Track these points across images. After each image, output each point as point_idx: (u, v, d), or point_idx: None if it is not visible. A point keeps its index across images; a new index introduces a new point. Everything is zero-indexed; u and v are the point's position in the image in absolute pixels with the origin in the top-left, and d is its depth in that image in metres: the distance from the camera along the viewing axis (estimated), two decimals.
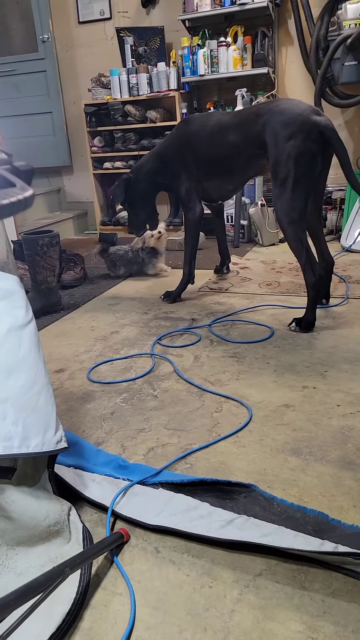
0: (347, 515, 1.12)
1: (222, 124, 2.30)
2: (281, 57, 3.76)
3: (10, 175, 0.49)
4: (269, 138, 2.08)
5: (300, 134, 1.99)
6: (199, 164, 2.42)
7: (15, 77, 4.60)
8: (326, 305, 2.38)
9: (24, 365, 0.92)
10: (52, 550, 1.07)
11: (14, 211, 0.46)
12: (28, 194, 0.48)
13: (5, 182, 0.48)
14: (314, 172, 2.06)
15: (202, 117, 2.47)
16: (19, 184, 0.49)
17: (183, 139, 2.43)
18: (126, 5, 4.15)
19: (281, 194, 2.06)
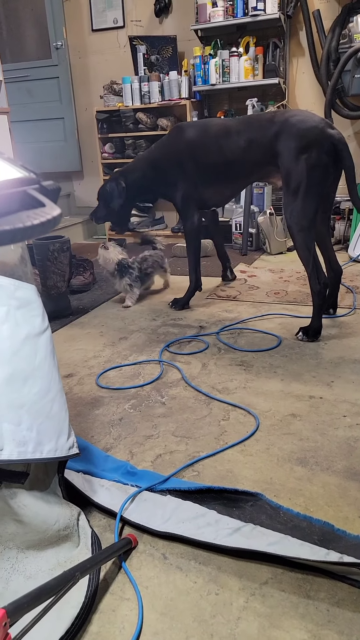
0: (352, 526, 1.13)
1: (229, 128, 2.31)
2: (292, 67, 3.79)
3: (40, 195, 0.51)
4: (282, 147, 2.12)
5: (315, 146, 2.03)
6: (199, 170, 2.40)
7: (28, 83, 4.65)
8: (333, 315, 2.40)
9: (39, 372, 0.95)
10: (61, 555, 1.09)
11: (44, 230, 0.48)
12: (56, 213, 0.50)
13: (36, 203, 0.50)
14: (326, 182, 2.10)
15: (199, 123, 2.48)
16: (48, 203, 0.51)
17: (180, 145, 2.41)
18: (139, 15, 4.20)
19: (293, 202, 2.10)
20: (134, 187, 2.61)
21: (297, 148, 2.06)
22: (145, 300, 2.81)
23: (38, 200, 0.51)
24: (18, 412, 0.92)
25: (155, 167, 2.53)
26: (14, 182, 0.51)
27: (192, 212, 2.51)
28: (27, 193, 0.51)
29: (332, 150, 2.04)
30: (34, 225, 0.46)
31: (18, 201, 0.50)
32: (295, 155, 2.07)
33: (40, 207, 0.50)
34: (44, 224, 0.48)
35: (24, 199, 0.50)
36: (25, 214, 0.47)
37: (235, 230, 3.85)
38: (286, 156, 2.11)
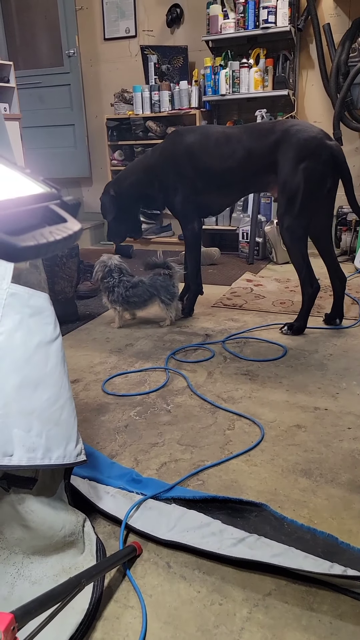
0: (356, 539, 1.14)
1: (230, 136, 2.31)
2: (302, 79, 3.82)
3: (61, 210, 0.53)
4: (281, 157, 2.15)
5: (314, 156, 2.08)
6: (197, 177, 2.38)
7: (40, 90, 4.70)
8: (339, 325, 2.41)
9: (50, 379, 0.96)
10: (65, 561, 1.09)
11: (66, 245, 0.49)
12: (77, 229, 0.52)
13: (58, 218, 0.51)
14: (322, 192, 2.15)
15: (198, 129, 2.48)
16: (69, 219, 0.53)
17: (179, 150, 2.39)
18: (151, 25, 4.25)
19: (289, 211, 2.15)
20: (129, 194, 2.60)
21: (296, 158, 2.10)
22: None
23: (60, 216, 0.52)
24: (28, 418, 0.93)
25: (151, 172, 2.51)
26: (37, 197, 0.53)
27: (192, 218, 2.50)
28: (49, 208, 0.53)
29: (330, 161, 2.10)
30: (57, 241, 0.48)
31: (41, 216, 0.51)
32: (294, 164, 2.10)
33: (62, 223, 0.51)
34: (66, 239, 0.49)
35: (46, 215, 0.52)
36: (48, 230, 0.49)
37: (242, 239, 3.87)
38: (284, 165, 2.14)
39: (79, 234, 0.52)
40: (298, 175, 2.10)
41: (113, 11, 4.35)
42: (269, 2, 3.45)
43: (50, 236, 0.48)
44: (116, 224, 2.74)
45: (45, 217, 0.52)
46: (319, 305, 2.72)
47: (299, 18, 3.62)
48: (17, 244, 0.44)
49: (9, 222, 0.47)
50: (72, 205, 0.57)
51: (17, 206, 0.50)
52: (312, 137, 2.10)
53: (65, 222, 0.52)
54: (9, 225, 0.47)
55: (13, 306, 0.91)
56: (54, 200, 0.55)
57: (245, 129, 2.33)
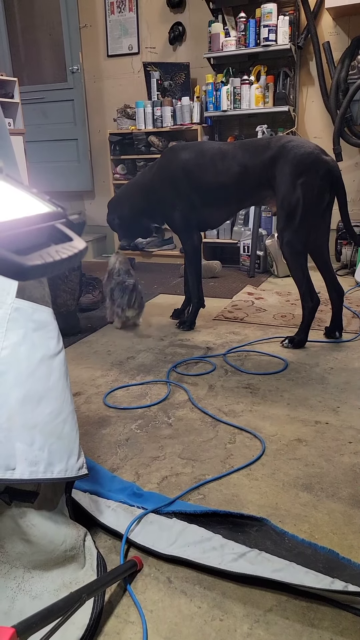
0: (357, 554, 1.13)
1: (226, 152, 2.34)
2: (302, 96, 3.87)
3: (67, 229, 0.54)
4: (278, 172, 2.18)
5: (311, 171, 2.12)
6: (194, 192, 2.42)
7: (44, 105, 4.77)
8: (339, 339, 2.42)
9: (52, 393, 0.97)
10: (66, 575, 1.09)
11: (72, 264, 0.51)
12: (83, 247, 0.53)
13: (63, 237, 0.53)
14: (321, 207, 2.19)
15: (194, 145, 2.50)
16: (74, 237, 0.54)
17: (175, 167, 2.42)
18: (154, 42, 4.32)
19: (288, 226, 2.18)
20: (131, 215, 2.66)
21: (294, 173, 2.13)
22: (153, 320, 2.84)
23: (66, 235, 0.53)
24: (31, 432, 0.93)
25: (149, 190, 2.55)
26: (43, 217, 0.54)
27: (191, 232, 2.53)
28: (55, 227, 0.54)
29: (327, 176, 2.14)
30: (62, 259, 0.49)
31: (47, 235, 0.53)
32: (292, 180, 2.13)
33: (68, 241, 0.52)
34: (71, 257, 0.50)
35: (52, 233, 0.53)
36: (54, 248, 0.50)
37: (243, 253, 3.90)
38: (282, 181, 2.17)
39: (84, 252, 0.53)
40: (296, 190, 2.13)
41: (116, 29, 4.43)
42: (270, 21, 3.51)
43: (56, 255, 0.49)
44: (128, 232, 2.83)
45: (51, 236, 0.54)
46: (320, 318, 2.73)
47: (299, 36, 3.68)
48: (25, 263, 0.45)
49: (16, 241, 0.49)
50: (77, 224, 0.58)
51: (25, 226, 0.51)
52: (309, 152, 2.14)
53: (71, 241, 0.53)
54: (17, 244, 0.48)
55: (17, 321, 0.92)
56: (60, 219, 0.56)
57: (241, 145, 2.36)
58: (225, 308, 3.02)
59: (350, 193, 3.87)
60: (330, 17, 3.63)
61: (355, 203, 3.87)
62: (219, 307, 3.02)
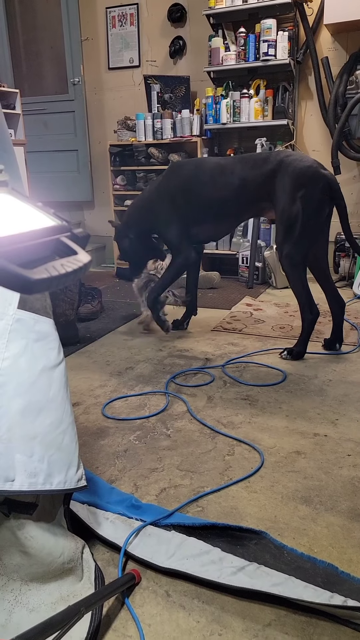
0: (356, 569, 1.13)
1: (225, 167, 2.37)
2: (301, 110, 3.91)
3: (72, 243, 0.55)
4: (279, 186, 2.21)
5: (311, 185, 2.15)
6: (193, 207, 2.43)
7: (45, 116, 4.80)
8: (339, 351, 2.42)
9: (53, 404, 0.97)
10: (64, 588, 1.08)
11: (76, 277, 0.51)
12: (87, 261, 0.54)
13: (68, 250, 0.53)
14: (320, 220, 2.21)
15: (194, 161, 2.55)
16: (79, 251, 0.54)
17: (176, 183, 2.46)
18: (155, 55, 4.37)
19: (288, 239, 2.20)
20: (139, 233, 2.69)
21: (294, 187, 2.16)
22: (152, 330, 2.84)
23: (70, 248, 0.54)
24: (31, 443, 0.93)
25: (151, 208, 2.57)
26: (48, 230, 0.55)
27: (184, 247, 2.51)
28: (60, 241, 0.55)
29: (327, 189, 2.17)
30: (67, 273, 0.49)
31: (52, 249, 0.53)
32: (291, 193, 2.16)
33: (73, 255, 0.53)
34: (76, 271, 0.51)
35: (57, 247, 0.54)
36: (59, 262, 0.51)
37: (241, 264, 3.91)
38: (282, 194, 2.20)
39: (88, 266, 0.54)
40: (296, 203, 2.16)
41: (117, 42, 4.48)
42: (269, 36, 3.56)
43: (61, 268, 0.50)
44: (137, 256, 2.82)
45: (56, 250, 0.54)
46: (319, 330, 2.74)
47: (298, 51, 3.73)
48: (31, 277, 0.45)
49: (22, 255, 0.49)
50: (81, 238, 0.59)
51: (30, 239, 0.52)
52: (309, 166, 2.17)
53: (76, 255, 0.54)
54: (23, 258, 0.49)
55: (19, 331, 0.92)
56: (65, 232, 0.57)
57: (240, 160, 2.38)
58: (224, 319, 3.02)
59: (349, 206, 3.88)
60: (328, 33, 3.68)
61: (353, 215, 3.89)
62: (217, 318, 3.02)
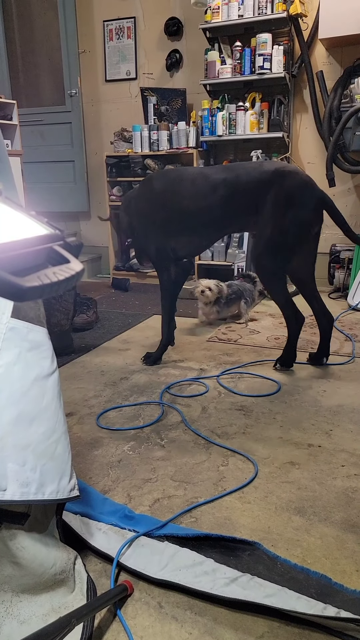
0: (349, 580, 1.12)
1: (209, 177, 2.21)
2: (296, 122, 3.96)
3: (64, 251, 0.55)
4: (270, 199, 2.11)
5: (306, 202, 2.11)
6: (172, 220, 2.29)
7: (42, 127, 4.84)
8: (326, 363, 2.42)
9: (46, 413, 0.97)
10: (55, 600, 1.07)
11: (68, 286, 0.51)
12: (79, 269, 0.54)
13: (61, 259, 0.54)
14: (308, 237, 2.20)
15: (172, 172, 2.37)
16: (72, 259, 0.55)
17: (149, 195, 2.33)
18: (151, 68, 4.42)
19: (269, 252, 2.15)
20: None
21: (287, 201, 2.10)
22: (148, 341, 2.84)
23: (63, 257, 0.54)
24: (23, 452, 0.93)
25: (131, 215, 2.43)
26: (41, 239, 0.55)
27: (166, 266, 2.39)
28: (53, 249, 0.55)
29: (320, 207, 2.15)
30: (59, 281, 0.50)
31: (45, 257, 0.54)
32: (284, 207, 2.10)
33: (65, 263, 0.53)
34: (68, 279, 0.51)
35: (50, 255, 0.54)
36: (51, 270, 0.51)
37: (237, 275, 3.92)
38: (271, 206, 2.11)
39: (81, 274, 0.54)
40: (286, 218, 2.09)
41: (114, 55, 4.53)
42: (265, 50, 3.61)
43: (53, 277, 0.50)
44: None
45: (49, 258, 0.55)
46: (313, 341, 2.75)
47: (293, 65, 3.78)
48: (23, 284, 0.46)
49: (14, 263, 0.49)
50: (74, 246, 0.59)
51: (23, 247, 0.52)
52: (305, 182, 2.11)
53: (68, 263, 0.54)
54: (15, 266, 0.49)
55: (12, 340, 0.93)
56: (57, 241, 0.57)
57: (226, 168, 2.24)
58: (219, 329, 3.03)
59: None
60: (323, 48, 3.74)
61: None
62: (212, 329, 3.03)
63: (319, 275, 3.97)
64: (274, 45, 3.63)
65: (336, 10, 3.33)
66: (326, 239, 3.96)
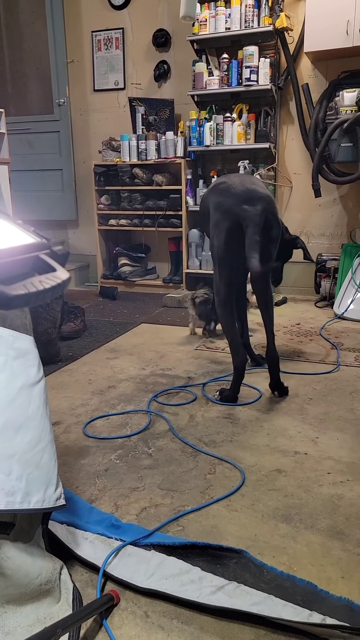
0: (335, 587, 1.13)
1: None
2: (282, 134, 4.01)
3: (51, 260, 0.56)
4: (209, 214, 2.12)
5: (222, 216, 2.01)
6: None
7: (30, 135, 4.84)
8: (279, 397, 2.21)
9: (32, 422, 0.96)
10: (41, 610, 1.07)
11: (55, 294, 0.52)
12: (66, 277, 0.55)
13: (47, 267, 0.54)
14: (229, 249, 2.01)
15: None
16: (58, 268, 0.55)
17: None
18: (140, 78, 4.45)
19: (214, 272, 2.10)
20: None
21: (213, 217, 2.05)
22: (136, 350, 2.84)
23: (49, 265, 0.55)
24: (9, 461, 0.93)
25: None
26: (28, 247, 0.56)
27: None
28: (39, 258, 0.55)
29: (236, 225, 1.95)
30: (46, 290, 0.50)
31: (31, 266, 0.54)
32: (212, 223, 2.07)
33: (52, 272, 0.54)
34: (54, 287, 0.52)
35: (36, 264, 0.55)
36: (38, 279, 0.51)
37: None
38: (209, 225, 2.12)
39: (67, 283, 0.55)
40: (212, 234, 2.07)
41: (103, 65, 4.56)
42: (252, 62, 3.66)
43: (40, 285, 0.51)
44: None
45: (35, 266, 0.55)
46: (300, 350, 2.77)
47: (280, 77, 3.84)
48: (9, 292, 0.46)
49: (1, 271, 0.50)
50: (61, 255, 0.60)
51: (9, 256, 0.53)
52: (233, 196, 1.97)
53: (55, 271, 0.55)
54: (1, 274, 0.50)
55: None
56: (44, 250, 0.58)
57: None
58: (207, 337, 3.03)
59: (329, 227, 3.99)
60: (309, 61, 3.80)
61: (334, 237, 3.97)
62: (199, 337, 3.04)
63: (305, 284, 4.03)
64: (260, 58, 3.68)
65: (321, 25, 3.39)
66: (312, 248, 4.01)
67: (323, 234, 4.02)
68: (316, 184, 3.68)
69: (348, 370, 2.46)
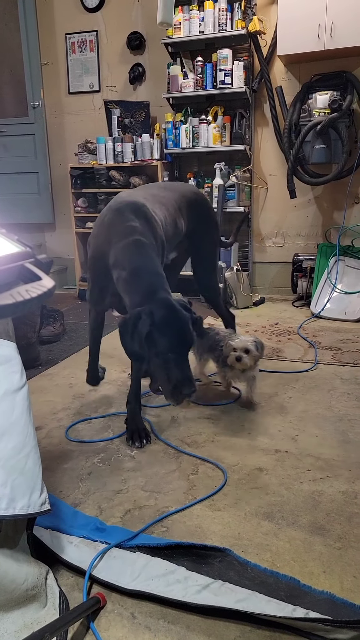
0: (317, 581, 1.16)
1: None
2: (257, 136, 4.05)
3: (36, 269, 0.57)
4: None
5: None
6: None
7: (4, 138, 4.79)
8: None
9: (15, 428, 0.97)
10: (27, 616, 1.07)
11: (41, 302, 0.53)
12: (51, 286, 0.56)
13: (33, 276, 0.55)
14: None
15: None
16: (43, 276, 0.56)
17: None
18: (114, 81, 4.45)
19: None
20: None
21: None
22: (115, 352, 2.84)
23: (34, 274, 0.56)
24: None
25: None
26: (12, 257, 0.57)
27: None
28: (24, 267, 0.56)
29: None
30: (32, 299, 0.51)
31: (16, 275, 0.55)
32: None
33: (37, 280, 0.55)
34: (40, 296, 0.53)
35: (21, 273, 0.56)
36: (23, 288, 0.52)
37: None
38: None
39: (53, 291, 0.56)
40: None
41: (77, 67, 4.54)
42: (226, 65, 3.69)
43: (26, 294, 0.52)
44: None
45: (20, 275, 0.56)
46: (279, 349, 2.81)
47: (254, 80, 3.88)
48: None
49: None
50: (45, 263, 0.61)
51: None
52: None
53: (40, 280, 0.55)
54: None
55: None
56: (28, 258, 0.58)
57: None
58: None
59: (304, 228, 4.05)
60: (282, 64, 3.85)
61: (310, 237, 4.04)
62: None
63: (282, 284, 4.09)
64: (234, 61, 3.72)
65: (293, 29, 3.44)
66: (289, 248, 4.06)
67: (299, 234, 4.08)
68: (291, 185, 3.73)
69: (325, 368, 2.51)
